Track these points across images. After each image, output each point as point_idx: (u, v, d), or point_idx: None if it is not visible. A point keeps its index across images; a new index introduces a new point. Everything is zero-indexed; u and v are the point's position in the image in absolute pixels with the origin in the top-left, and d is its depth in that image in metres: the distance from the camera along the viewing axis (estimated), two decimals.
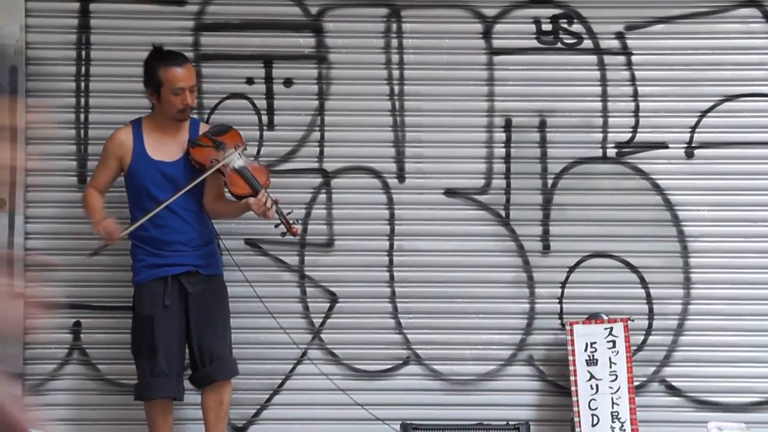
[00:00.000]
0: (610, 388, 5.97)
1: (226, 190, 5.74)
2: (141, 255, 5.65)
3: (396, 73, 6.25)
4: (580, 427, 5.93)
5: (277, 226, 5.64)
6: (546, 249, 6.24)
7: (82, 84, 6.18)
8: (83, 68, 6.18)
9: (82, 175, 6.15)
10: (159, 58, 5.63)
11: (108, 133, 5.75)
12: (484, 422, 6.07)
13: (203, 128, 5.80)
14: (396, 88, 6.25)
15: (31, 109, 6.13)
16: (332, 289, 6.24)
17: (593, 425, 5.93)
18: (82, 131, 6.18)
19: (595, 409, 5.94)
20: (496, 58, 6.25)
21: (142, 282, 5.65)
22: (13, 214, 6.11)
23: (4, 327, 2.81)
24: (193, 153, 5.64)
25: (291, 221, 5.62)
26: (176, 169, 5.64)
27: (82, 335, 6.19)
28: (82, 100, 6.18)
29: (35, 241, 6.16)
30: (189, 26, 6.20)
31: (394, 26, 6.24)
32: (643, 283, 6.24)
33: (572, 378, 6.00)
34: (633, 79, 6.25)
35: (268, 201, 5.57)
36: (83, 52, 6.18)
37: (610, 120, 6.26)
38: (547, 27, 6.24)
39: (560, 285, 6.23)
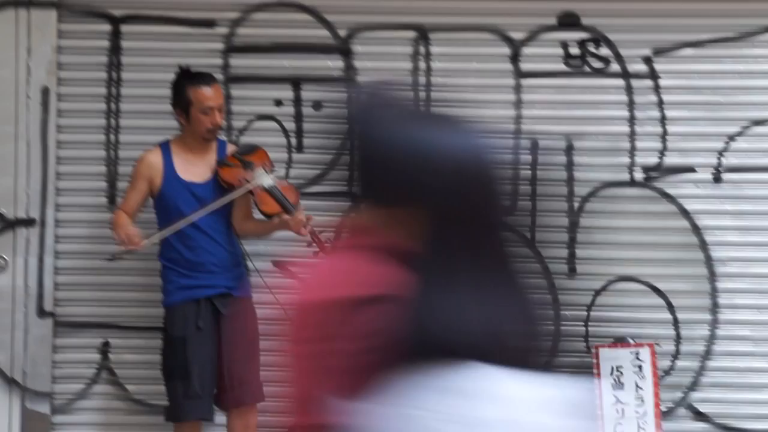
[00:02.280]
0: (636, 412, 5.95)
1: (255, 209, 5.77)
2: (173, 276, 5.68)
3: (423, 95, 6.25)
4: None
5: (309, 244, 5.66)
6: (572, 272, 6.24)
7: (113, 105, 6.23)
8: (114, 89, 6.23)
9: (112, 196, 6.19)
10: (187, 79, 5.68)
11: (138, 154, 5.79)
12: None
13: (230, 148, 5.83)
14: (423, 111, 6.26)
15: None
16: None
17: None
18: (113, 152, 6.22)
19: None
20: (524, 81, 6.27)
21: (174, 304, 5.66)
22: (44, 234, 6.15)
23: None
24: (221, 173, 5.67)
25: (323, 240, 5.65)
26: (207, 190, 5.67)
27: (110, 355, 6.22)
28: (113, 121, 6.23)
29: (65, 260, 6.21)
30: (219, 48, 6.24)
31: (422, 49, 6.27)
32: (670, 307, 6.22)
33: (598, 402, 5.98)
34: (660, 103, 6.26)
35: (303, 217, 5.62)
36: (114, 74, 6.23)
37: (638, 144, 6.26)
38: (574, 51, 6.26)
39: (586, 308, 6.23)
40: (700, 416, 6.20)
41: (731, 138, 6.23)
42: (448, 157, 2.04)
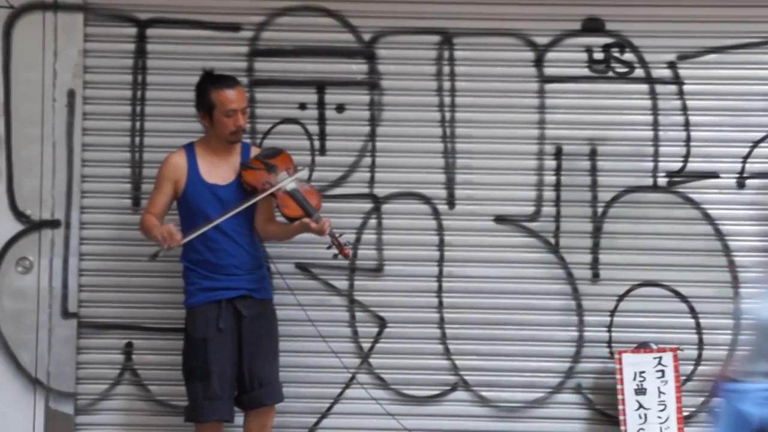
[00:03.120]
0: (659, 417, 5.95)
1: (278, 212, 5.79)
2: (195, 278, 5.70)
3: (447, 99, 6.28)
4: None
5: (329, 248, 5.67)
6: (595, 277, 6.24)
7: (138, 108, 6.26)
8: (139, 92, 6.26)
9: (136, 198, 6.22)
10: (210, 81, 5.70)
11: (162, 157, 5.81)
12: None
13: (254, 151, 5.85)
14: (447, 115, 6.28)
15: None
16: (381, 313, 6.27)
17: None
18: (137, 154, 6.25)
19: None
20: (548, 86, 6.27)
21: (195, 305, 5.68)
22: (69, 236, 6.19)
23: None
24: (245, 176, 5.69)
25: (343, 243, 5.66)
26: (230, 192, 5.69)
27: (133, 356, 6.25)
28: (138, 124, 6.26)
29: (90, 262, 6.24)
30: (243, 52, 6.27)
31: (446, 53, 6.27)
32: (693, 312, 6.22)
33: (620, 407, 5.98)
34: (684, 108, 6.25)
35: (325, 223, 5.62)
36: (139, 77, 6.26)
37: (661, 149, 6.25)
38: (598, 55, 6.26)
39: (609, 313, 6.23)
40: None
41: (755, 144, 6.21)
42: None
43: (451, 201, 6.29)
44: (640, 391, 5.98)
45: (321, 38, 6.26)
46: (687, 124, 6.24)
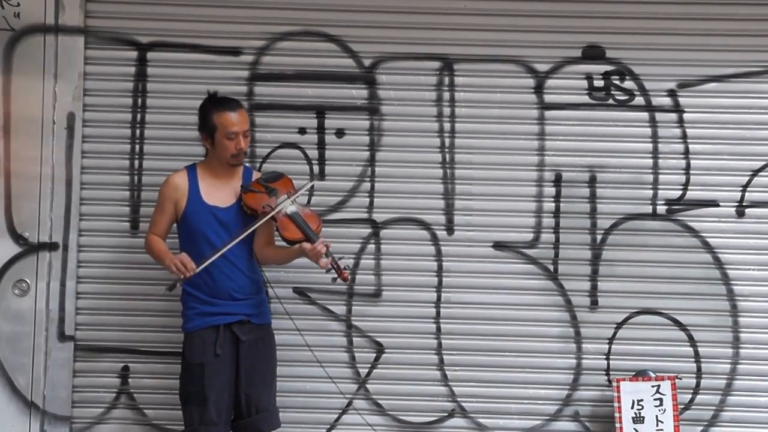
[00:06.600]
0: None
1: (277, 235, 5.78)
2: (193, 303, 5.68)
3: (447, 125, 6.28)
4: None
5: (327, 271, 5.66)
6: (594, 304, 6.23)
7: (138, 131, 6.27)
8: (139, 115, 6.27)
9: (135, 221, 6.22)
10: (213, 104, 5.70)
11: (162, 180, 5.81)
12: None
13: (255, 176, 5.85)
14: (447, 141, 6.28)
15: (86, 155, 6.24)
16: (379, 339, 6.26)
17: None
18: (136, 178, 6.25)
19: None
20: (548, 113, 6.27)
21: (193, 330, 5.66)
22: (66, 258, 6.18)
23: None
24: (245, 198, 5.69)
25: (342, 267, 5.64)
26: (230, 215, 5.69)
27: (130, 380, 6.23)
28: (137, 147, 6.26)
29: (87, 285, 6.23)
30: (244, 76, 6.27)
31: (447, 79, 6.28)
32: (692, 341, 6.20)
33: None
34: (684, 136, 6.26)
35: (323, 247, 5.60)
36: (140, 100, 6.27)
37: (661, 177, 6.25)
38: (599, 83, 6.27)
39: (608, 341, 6.21)
40: None
41: (755, 173, 6.21)
42: None
43: (450, 227, 6.28)
44: (638, 419, 5.96)
45: (321, 63, 6.27)
46: (687, 152, 6.25)
